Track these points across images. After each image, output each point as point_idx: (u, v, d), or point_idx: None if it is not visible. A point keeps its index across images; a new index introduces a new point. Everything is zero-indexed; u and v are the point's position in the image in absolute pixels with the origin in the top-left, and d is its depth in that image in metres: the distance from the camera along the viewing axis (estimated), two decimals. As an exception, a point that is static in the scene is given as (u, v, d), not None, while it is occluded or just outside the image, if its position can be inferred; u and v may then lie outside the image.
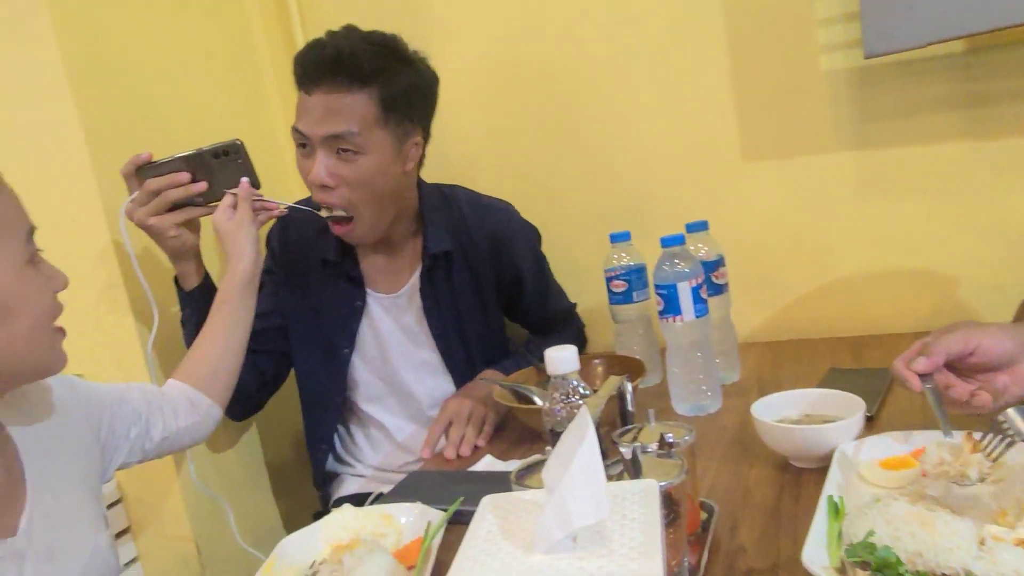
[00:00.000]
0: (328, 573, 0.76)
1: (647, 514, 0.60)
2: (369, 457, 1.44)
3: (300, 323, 1.39)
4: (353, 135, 1.16)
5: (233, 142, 1.15)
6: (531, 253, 1.43)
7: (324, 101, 1.16)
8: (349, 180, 1.19)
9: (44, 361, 0.78)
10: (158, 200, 1.13)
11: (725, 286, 1.27)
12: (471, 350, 1.38)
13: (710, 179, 1.49)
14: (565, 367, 0.82)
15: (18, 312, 0.73)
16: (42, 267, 0.79)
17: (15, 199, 0.78)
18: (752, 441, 1.02)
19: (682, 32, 1.46)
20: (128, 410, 0.98)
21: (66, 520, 0.82)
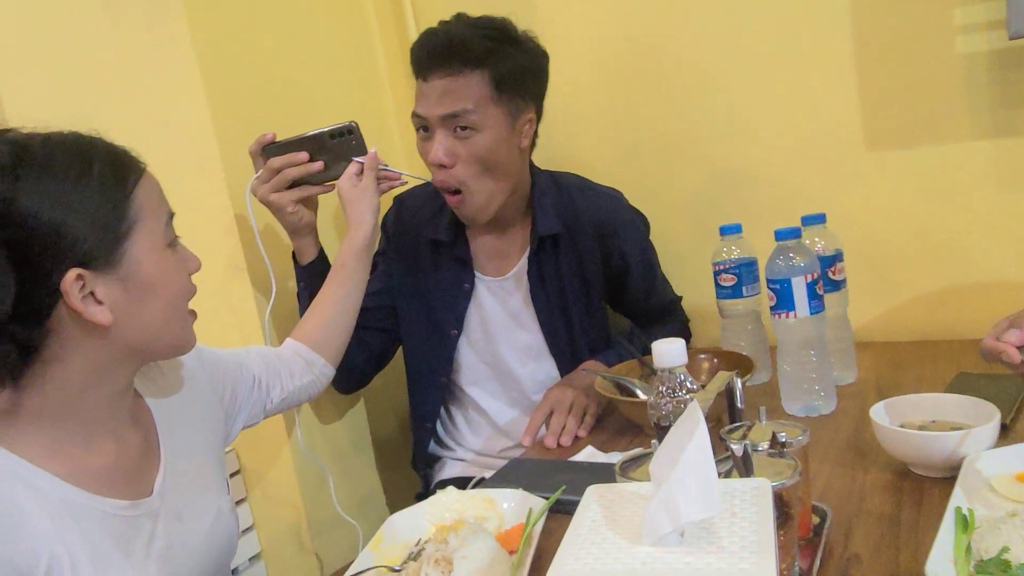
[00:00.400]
0: (433, 551, 0.78)
1: (759, 513, 0.59)
2: (469, 441, 1.47)
3: (409, 303, 1.43)
4: (468, 112, 1.21)
5: (348, 124, 1.20)
6: (639, 241, 1.41)
7: (440, 85, 1.21)
8: (466, 157, 1.23)
9: (178, 340, 0.83)
10: (278, 177, 1.20)
11: (843, 282, 1.21)
12: (575, 335, 1.38)
13: (829, 169, 1.42)
14: (673, 360, 0.81)
15: (157, 292, 0.78)
16: (179, 250, 0.83)
17: (158, 186, 0.82)
18: (869, 446, 0.97)
19: (803, 12, 1.39)
20: (248, 375, 1.04)
21: (194, 483, 0.88)
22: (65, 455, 0.76)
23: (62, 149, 0.74)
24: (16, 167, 0.71)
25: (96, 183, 0.74)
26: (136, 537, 0.79)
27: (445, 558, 0.76)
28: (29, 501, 0.71)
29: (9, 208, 0.70)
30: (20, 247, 0.70)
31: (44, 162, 0.72)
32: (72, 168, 0.73)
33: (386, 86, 1.77)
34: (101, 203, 0.74)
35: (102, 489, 0.77)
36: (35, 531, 0.71)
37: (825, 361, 1.11)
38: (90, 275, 0.73)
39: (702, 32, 1.48)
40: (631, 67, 1.55)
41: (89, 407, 0.78)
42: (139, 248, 0.76)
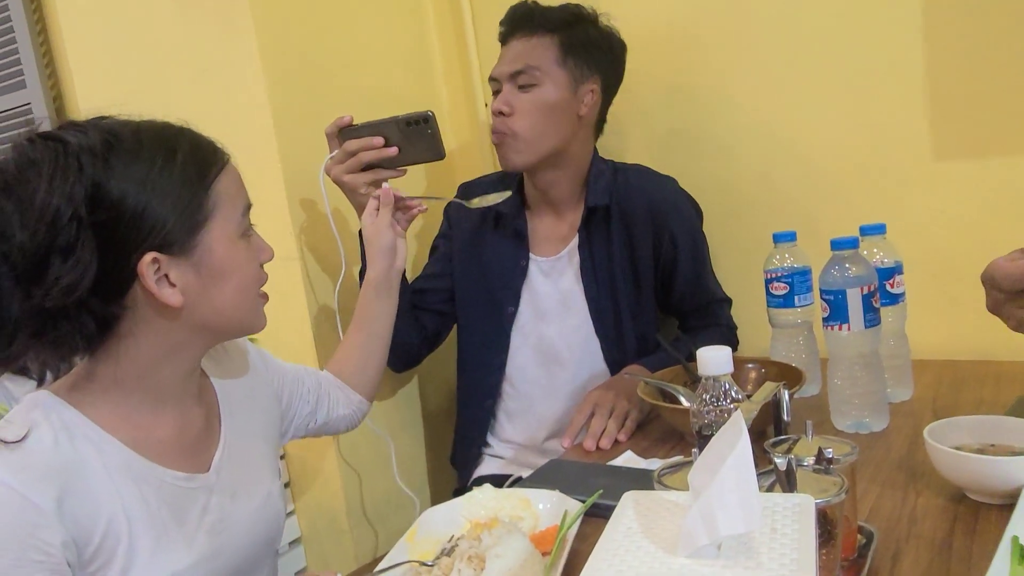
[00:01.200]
0: (467, 548, 0.78)
1: (800, 531, 0.57)
2: (508, 433, 1.46)
3: (468, 281, 1.47)
4: (532, 68, 1.31)
5: (425, 113, 1.23)
6: (690, 227, 1.41)
7: (515, 46, 1.35)
8: (521, 108, 1.31)
9: (247, 321, 0.86)
10: (353, 160, 1.26)
11: (901, 296, 1.16)
12: (622, 319, 1.38)
13: (892, 178, 1.37)
14: (718, 368, 0.79)
15: (228, 278, 0.81)
16: (253, 240, 0.86)
17: (238, 178, 0.85)
18: (922, 467, 0.93)
19: (870, 15, 1.35)
20: (303, 390, 1.08)
21: (249, 465, 0.91)
22: (132, 424, 0.80)
23: (150, 137, 0.78)
24: (107, 153, 0.74)
25: (179, 172, 0.77)
26: (190, 508, 0.82)
27: (478, 555, 0.76)
28: (96, 461, 0.75)
29: (98, 192, 0.73)
30: (105, 229, 0.73)
31: (133, 149, 0.76)
32: (158, 156, 0.77)
33: (441, 83, 1.78)
34: (182, 191, 0.77)
35: (163, 459, 0.81)
36: (99, 490, 0.74)
37: (879, 377, 1.08)
38: (165, 259, 0.76)
39: (766, 33, 1.44)
40: (690, 65, 1.52)
41: (158, 382, 0.81)
42: (213, 236, 0.79)
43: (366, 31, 1.58)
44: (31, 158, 0.73)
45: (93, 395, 0.78)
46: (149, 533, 0.77)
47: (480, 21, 1.73)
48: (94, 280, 0.73)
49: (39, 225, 0.71)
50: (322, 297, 1.42)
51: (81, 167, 0.73)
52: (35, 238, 0.71)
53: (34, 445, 0.72)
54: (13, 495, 0.69)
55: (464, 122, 1.79)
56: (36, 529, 0.69)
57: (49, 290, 0.71)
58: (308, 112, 1.42)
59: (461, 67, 1.77)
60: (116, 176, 0.74)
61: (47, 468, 0.72)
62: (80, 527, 0.73)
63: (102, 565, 0.75)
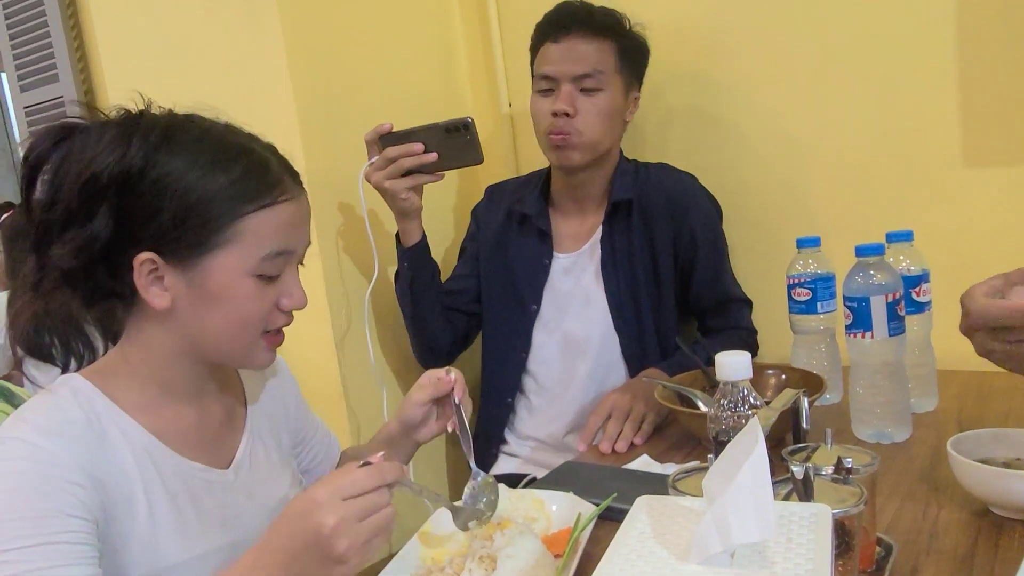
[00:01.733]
0: (479, 548, 0.78)
1: (816, 541, 0.56)
2: (529, 428, 1.46)
3: (493, 280, 1.49)
4: (599, 73, 1.33)
5: (465, 120, 1.25)
6: (709, 222, 1.41)
7: (573, 45, 1.33)
8: (585, 111, 1.33)
9: (238, 355, 0.82)
10: (394, 166, 1.28)
11: (928, 304, 1.14)
12: (642, 313, 1.38)
13: (921, 184, 1.34)
14: (736, 374, 0.78)
15: (218, 307, 0.78)
16: (278, 282, 0.80)
17: (289, 221, 0.79)
18: (944, 480, 0.91)
19: (902, 18, 1.32)
20: (313, 445, 1.04)
21: (268, 468, 0.91)
22: (153, 412, 0.80)
23: (212, 144, 0.77)
24: (160, 144, 0.75)
25: (215, 189, 0.75)
26: (209, 498, 0.83)
27: (490, 556, 0.76)
28: (120, 441, 0.76)
29: (137, 173, 0.74)
30: (124, 212, 0.74)
31: (186, 147, 0.75)
32: (205, 165, 0.75)
33: (466, 82, 1.78)
34: (208, 207, 0.75)
35: (183, 449, 0.82)
36: (122, 467, 0.76)
37: (902, 386, 1.06)
38: (162, 263, 0.76)
39: (795, 36, 1.42)
40: (716, 67, 1.51)
41: (172, 376, 0.82)
42: (218, 263, 0.76)
43: (392, 28, 1.58)
44: (111, 120, 0.76)
45: (118, 381, 0.80)
46: (168, 514, 0.78)
47: (506, 20, 1.73)
48: (105, 256, 0.75)
49: (76, 181, 0.73)
50: (354, 299, 1.44)
51: (129, 144, 0.74)
52: (69, 194, 0.74)
53: (63, 416, 0.74)
54: (41, 451, 0.70)
55: (488, 121, 1.79)
56: (62, 480, 0.70)
57: (58, 248, 0.74)
58: (332, 108, 1.43)
59: (486, 66, 1.76)
60: (158, 165, 0.74)
61: (78, 439, 0.73)
62: (107, 495, 0.74)
63: (125, 541, 0.75)
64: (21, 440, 0.70)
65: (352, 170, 1.47)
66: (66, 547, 0.69)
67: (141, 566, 0.76)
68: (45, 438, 0.71)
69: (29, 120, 2.85)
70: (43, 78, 2.76)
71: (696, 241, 1.38)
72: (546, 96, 1.36)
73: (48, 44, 2.74)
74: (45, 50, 2.75)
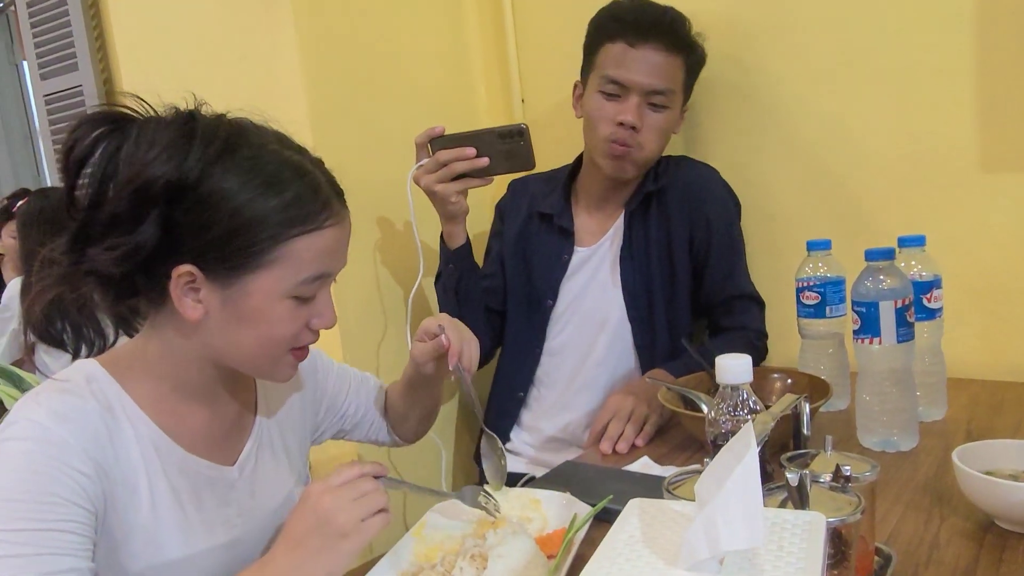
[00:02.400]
0: (471, 546, 0.78)
1: (808, 550, 0.55)
2: (540, 423, 1.45)
3: (514, 277, 1.49)
4: (670, 92, 1.33)
5: (519, 126, 1.25)
6: (725, 215, 1.40)
7: (652, 57, 1.31)
8: (650, 126, 1.33)
9: (263, 370, 0.82)
10: (446, 170, 1.28)
11: (939, 311, 1.12)
12: (654, 304, 1.38)
13: (935, 189, 1.32)
14: (737, 377, 0.77)
15: (252, 326, 0.77)
16: (312, 303, 0.80)
17: (332, 246, 0.79)
18: (949, 491, 0.90)
19: (919, 20, 1.30)
20: (348, 405, 1.06)
21: (275, 467, 0.91)
22: (164, 409, 0.80)
23: (268, 161, 0.75)
24: (218, 158, 0.73)
25: (266, 209, 0.74)
26: (212, 496, 0.83)
27: (481, 554, 0.75)
28: (129, 432, 0.76)
29: (191, 186, 0.72)
30: (172, 222, 0.73)
31: (243, 164, 0.74)
32: (260, 184, 0.74)
33: (479, 78, 1.77)
34: (256, 229, 0.74)
35: (190, 446, 0.82)
36: (128, 458, 0.76)
37: (910, 394, 1.04)
38: (201, 277, 0.75)
39: (810, 36, 1.40)
40: (731, 60, 1.48)
41: (189, 376, 0.81)
42: (257, 285, 0.76)
43: (406, 21, 1.58)
44: (165, 120, 0.75)
45: (134, 374, 0.80)
46: (171, 509, 0.78)
47: (520, 16, 1.72)
48: (145, 259, 0.74)
49: (128, 185, 0.72)
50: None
51: (187, 154, 0.72)
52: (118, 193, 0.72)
53: (76, 403, 0.74)
54: (51, 434, 0.71)
55: (500, 116, 1.78)
56: (67, 466, 0.70)
57: (100, 252, 0.73)
58: (344, 101, 1.43)
59: (499, 62, 1.76)
60: (212, 180, 0.73)
61: (87, 426, 0.73)
62: (112, 485, 0.74)
63: (126, 533, 0.75)
64: (34, 422, 0.71)
65: (362, 166, 1.48)
66: (64, 535, 0.69)
67: (141, 560, 0.76)
68: (56, 423, 0.71)
69: (48, 108, 2.88)
70: (63, 67, 2.79)
71: (711, 233, 1.37)
72: (610, 100, 1.33)
73: (68, 33, 2.76)
74: (65, 39, 2.78)
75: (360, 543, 0.72)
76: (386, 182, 1.51)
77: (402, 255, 1.52)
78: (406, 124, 1.56)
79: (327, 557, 0.71)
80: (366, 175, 1.48)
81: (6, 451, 0.70)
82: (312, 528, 0.72)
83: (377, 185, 1.48)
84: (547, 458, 1.42)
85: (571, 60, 1.43)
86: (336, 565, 0.71)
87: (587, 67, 1.40)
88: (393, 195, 1.52)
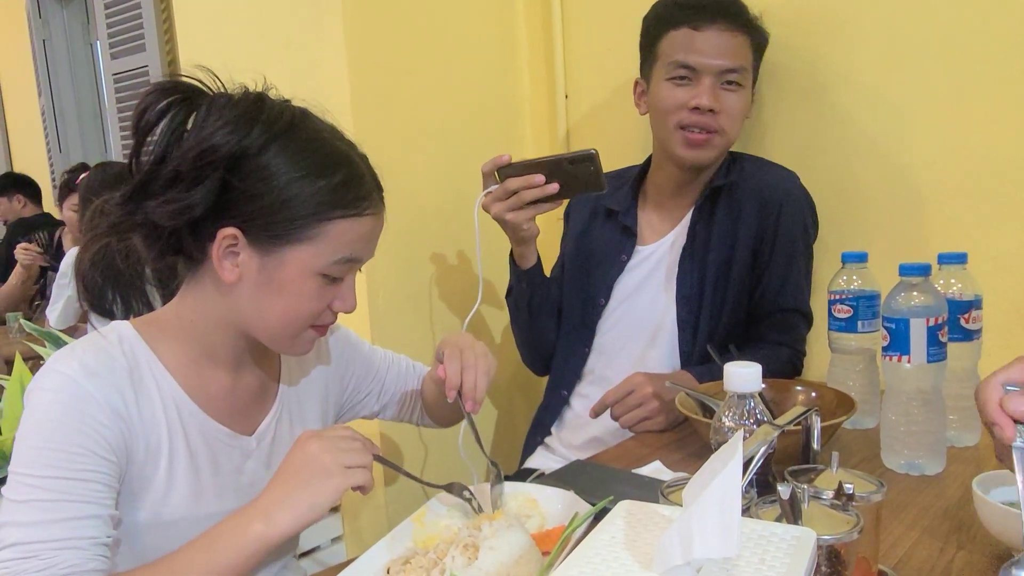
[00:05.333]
0: (465, 536, 0.78)
1: (791, 565, 0.53)
2: (583, 422, 1.43)
3: (573, 272, 1.48)
4: (743, 69, 1.30)
5: (589, 152, 1.23)
6: (799, 224, 1.33)
7: (718, 38, 1.29)
8: (727, 108, 1.30)
9: (282, 342, 0.86)
10: (516, 198, 1.27)
11: (977, 332, 1.07)
12: (703, 308, 1.33)
13: (982, 207, 1.26)
14: (745, 386, 0.75)
15: (280, 296, 0.82)
16: (338, 285, 0.85)
17: (368, 233, 0.84)
18: (971, 519, 0.86)
19: (983, 30, 1.24)
20: (377, 386, 1.09)
21: (291, 440, 0.90)
22: (190, 372, 0.84)
23: (322, 145, 0.81)
24: (281, 133, 0.79)
25: (315, 189, 0.79)
26: (227, 462, 0.86)
27: (474, 545, 0.75)
28: (154, 391, 0.81)
29: (251, 157, 0.77)
30: (227, 186, 0.78)
31: (300, 145, 0.80)
32: (312, 164, 0.79)
33: (524, 71, 1.77)
34: (302, 205, 0.79)
35: (212, 412, 0.85)
36: (151, 415, 0.80)
37: (938, 416, 1.00)
38: (243, 242, 0.79)
39: (861, 38, 1.36)
40: (776, 61, 1.44)
41: (213, 342, 0.85)
42: (294, 256, 0.80)
43: (454, 15, 1.59)
44: (235, 97, 0.80)
45: (165, 336, 0.84)
46: (187, 470, 0.82)
47: (569, 11, 1.71)
48: (192, 221, 0.78)
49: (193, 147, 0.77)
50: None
51: (252, 128, 0.77)
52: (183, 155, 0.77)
53: (107, 361, 0.78)
54: (80, 388, 0.75)
55: (543, 111, 1.78)
56: (94, 419, 0.75)
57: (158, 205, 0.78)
58: (386, 93, 1.44)
59: (545, 58, 1.75)
60: (270, 154, 0.78)
61: (115, 382, 0.78)
62: (133, 439, 0.78)
63: (137, 488, 0.80)
64: (65, 375, 0.75)
65: (404, 156, 1.49)
66: (88, 484, 0.74)
67: (150, 512, 0.80)
68: (85, 377, 0.76)
69: (117, 86, 3.00)
70: (132, 47, 2.90)
71: (777, 240, 1.31)
72: (681, 86, 1.30)
73: (139, 16, 2.87)
74: (135, 20, 2.88)
75: (342, 484, 0.76)
76: (427, 177, 1.53)
77: (460, 275, 1.55)
78: (447, 116, 1.58)
79: (311, 490, 0.75)
80: (406, 167, 1.50)
81: (39, 400, 0.75)
82: (300, 466, 0.77)
83: (417, 178, 1.50)
84: (586, 457, 1.41)
85: (617, 58, 1.42)
86: (318, 497, 0.76)
87: (649, 60, 1.37)
88: (432, 187, 1.54)
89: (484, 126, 1.67)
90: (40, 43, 3.88)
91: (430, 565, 0.76)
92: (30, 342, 1.59)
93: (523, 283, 1.42)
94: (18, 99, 4.12)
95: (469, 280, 1.44)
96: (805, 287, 1.36)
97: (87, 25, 3.86)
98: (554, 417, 1.48)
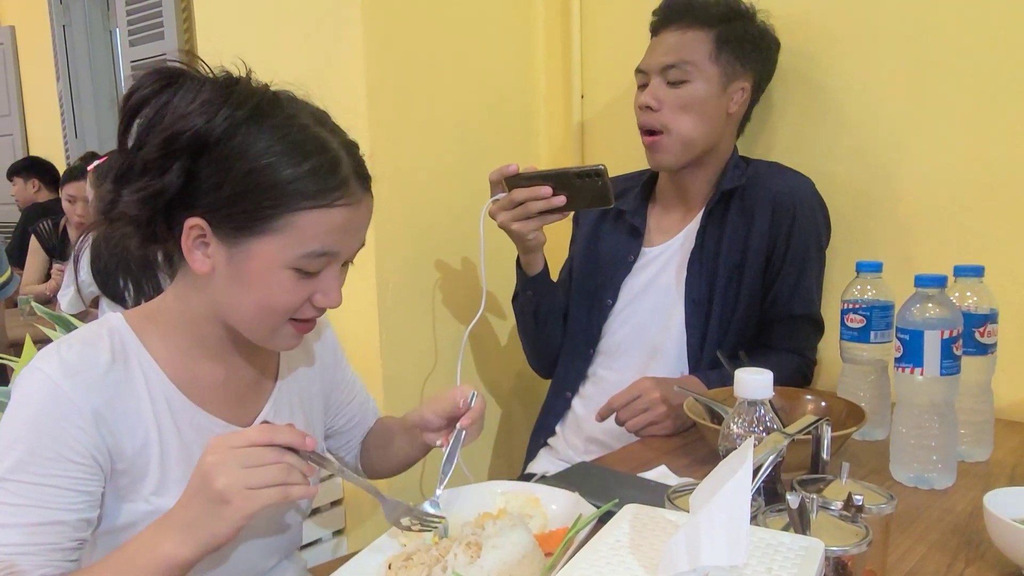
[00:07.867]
0: (468, 534, 0.77)
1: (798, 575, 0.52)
2: (587, 424, 1.42)
3: (581, 273, 1.48)
4: (684, 63, 1.29)
5: (597, 167, 1.23)
6: (812, 231, 1.31)
7: (667, 39, 1.32)
8: (671, 104, 1.30)
9: (261, 337, 0.82)
10: (522, 209, 1.26)
11: (992, 347, 1.06)
12: (712, 313, 1.32)
13: (1001, 219, 1.24)
14: (754, 392, 0.74)
15: (248, 289, 0.78)
16: (318, 281, 0.80)
17: (341, 227, 0.78)
18: (980, 536, 0.85)
19: (1004, 40, 1.23)
20: (343, 411, 1.05)
21: None
22: (181, 365, 0.83)
23: (295, 132, 0.76)
24: (245, 120, 0.75)
25: (281, 176, 0.75)
26: None
27: (476, 543, 0.75)
28: (142, 387, 0.79)
29: (215, 143, 0.74)
30: (193, 174, 0.75)
31: (269, 130, 0.75)
32: (281, 151, 0.75)
33: (540, 70, 1.76)
34: (266, 193, 0.75)
35: (205, 404, 0.84)
36: (139, 412, 0.78)
37: (950, 430, 0.99)
38: (210, 232, 0.77)
39: (878, 46, 1.34)
40: (794, 70, 1.43)
41: (205, 333, 0.84)
42: (259, 249, 0.76)
43: (472, 12, 1.58)
44: (209, 79, 0.77)
45: (155, 327, 0.83)
46: (180, 464, 0.80)
47: (587, 11, 1.70)
48: (164, 208, 0.76)
49: (161, 134, 0.74)
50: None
51: (216, 114, 0.74)
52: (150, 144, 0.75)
53: (90, 358, 0.77)
54: (58, 390, 0.74)
55: (559, 111, 1.77)
56: (69, 423, 0.74)
57: (130, 193, 0.76)
58: (402, 88, 1.44)
59: (563, 56, 1.74)
60: (235, 141, 0.75)
61: (95, 382, 0.76)
62: (115, 438, 0.77)
63: (133, 481, 0.79)
64: (45, 376, 0.74)
65: (419, 152, 1.49)
66: (56, 491, 0.73)
67: (147, 504, 0.79)
68: (65, 378, 0.74)
69: (134, 74, 3.01)
70: (150, 35, 2.91)
71: (790, 247, 1.29)
72: (639, 92, 1.34)
73: (158, 3, 2.88)
74: (155, 8, 2.89)
75: (244, 512, 0.68)
76: (441, 173, 1.52)
77: (467, 275, 1.54)
78: (463, 113, 1.57)
79: (208, 520, 0.69)
80: (421, 163, 1.49)
81: (16, 401, 0.74)
82: (198, 487, 0.70)
83: (431, 173, 1.50)
84: (590, 459, 1.40)
85: (634, 59, 1.40)
86: (218, 528, 0.69)
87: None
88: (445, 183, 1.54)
89: (500, 124, 1.67)
90: (60, 28, 3.90)
91: (432, 562, 0.76)
92: (41, 325, 1.59)
93: (529, 290, 1.42)
94: (37, 84, 4.14)
95: (475, 281, 1.44)
96: (817, 294, 1.35)
97: (107, 12, 3.88)
98: (557, 418, 1.47)
